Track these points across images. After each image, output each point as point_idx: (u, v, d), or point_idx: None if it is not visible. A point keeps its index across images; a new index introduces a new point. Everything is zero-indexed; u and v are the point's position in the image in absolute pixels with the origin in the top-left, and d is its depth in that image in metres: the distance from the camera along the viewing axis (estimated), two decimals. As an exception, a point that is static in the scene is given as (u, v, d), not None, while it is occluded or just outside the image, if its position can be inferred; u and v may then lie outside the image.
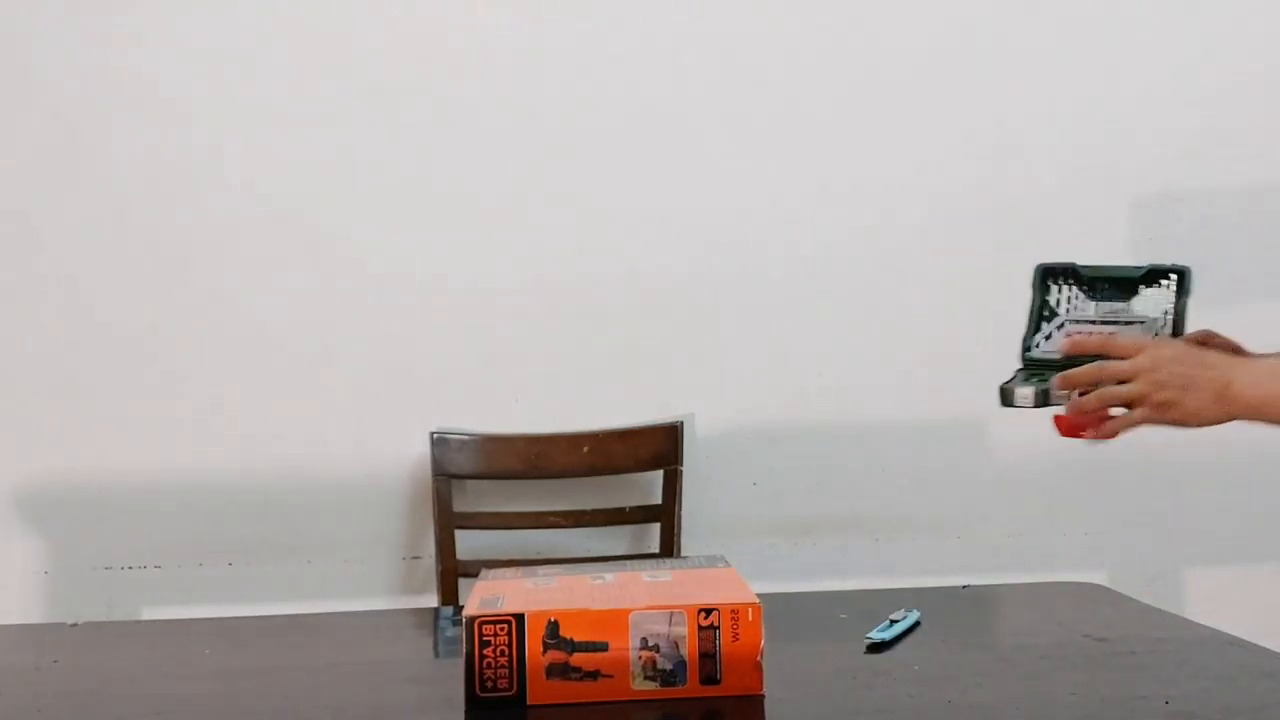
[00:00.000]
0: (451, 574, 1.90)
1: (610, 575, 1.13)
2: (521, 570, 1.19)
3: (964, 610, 1.27)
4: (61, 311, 1.89)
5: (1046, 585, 1.56)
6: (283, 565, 1.94)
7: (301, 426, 1.94)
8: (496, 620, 0.98)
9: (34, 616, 1.88)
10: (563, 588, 1.08)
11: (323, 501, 1.94)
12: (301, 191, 1.93)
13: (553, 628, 0.98)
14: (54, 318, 1.89)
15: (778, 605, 1.41)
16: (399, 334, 1.96)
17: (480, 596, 1.05)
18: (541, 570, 1.18)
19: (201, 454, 1.91)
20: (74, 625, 1.33)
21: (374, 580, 1.97)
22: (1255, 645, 1.19)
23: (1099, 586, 1.54)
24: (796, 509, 1.62)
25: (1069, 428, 1.11)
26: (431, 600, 1.93)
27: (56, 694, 1.10)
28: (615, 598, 1.03)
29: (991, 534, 2.13)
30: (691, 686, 0.99)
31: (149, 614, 1.91)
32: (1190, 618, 1.36)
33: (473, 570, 1.85)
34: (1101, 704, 1.03)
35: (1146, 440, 2.25)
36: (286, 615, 1.42)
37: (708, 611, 0.99)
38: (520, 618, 0.98)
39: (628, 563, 1.24)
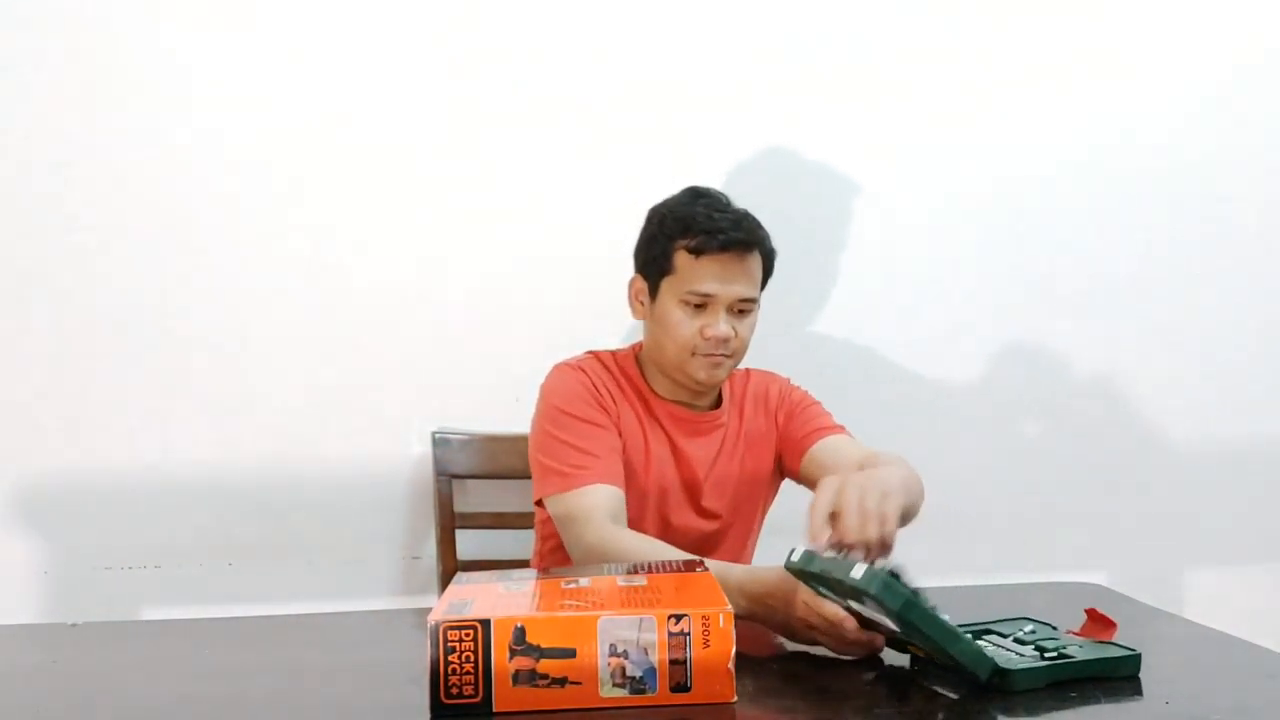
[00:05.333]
0: (452, 574, 1.88)
1: (585, 579, 1.11)
2: (496, 574, 1.18)
3: (963, 611, 1.27)
4: (61, 311, 1.88)
5: (1047, 585, 1.56)
6: (283, 565, 1.94)
7: (302, 426, 1.94)
8: (462, 626, 0.96)
9: (34, 616, 1.88)
10: (534, 592, 1.06)
11: (323, 501, 1.94)
12: (302, 191, 1.93)
13: (519, 633, 0.96)
14: (54, 317, 1.88)
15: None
16: (400, 334, 1.96)
17: (449, 601, 1.03)
18: (516, 574, 1.17)
19: (201, 454, 1.91)
20: (74, 625, 1.33)
21: (374, 580, 1.97)
22: (1255, 645, 1.20)
23: (1099, 586, 1.54)
24: (796, 509, 1.62)
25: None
26: (432, 600, 1.92)
27: (56, 694, 1.10)
28: (585, 603, 1.02)
29: (992, 534, 2.13)
30: (661, 694, 0.97)
31: (149, 614, 1.91)
32: (1190, 618, 1.36)
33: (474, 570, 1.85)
34: (1101, 704, 1.03)
35: (1146, 440, 2.26)
36: (286, 615, 1.42)
37: (678, 617, 0.97)
38: (486, 623, 0.96)
39: (608, 565, 1.23)
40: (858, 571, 1.02)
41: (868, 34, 2.06)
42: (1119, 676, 1.08)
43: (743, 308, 1.52)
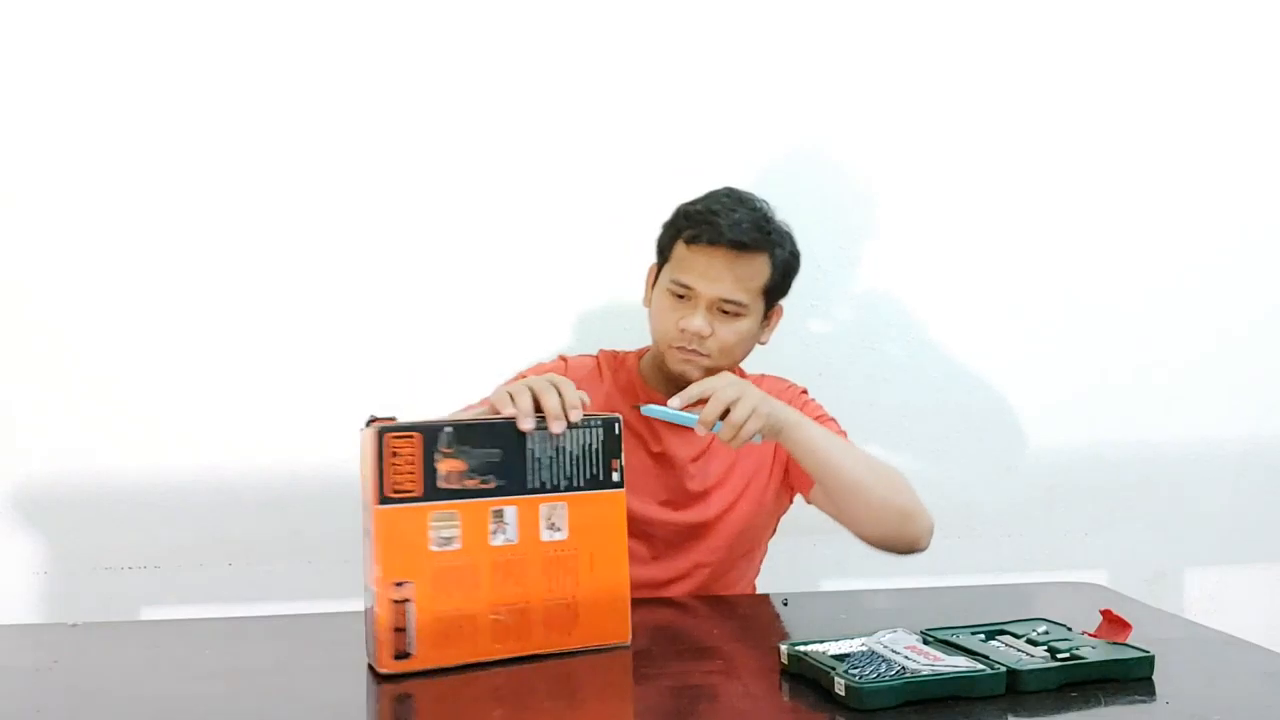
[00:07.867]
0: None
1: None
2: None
3: (963, 611, 1.27)
4: (60, 312, 1.88)
5: (1046, 585, 1.56)
6: (283, 565, 1.94)
7: (302, 426, 1.94)
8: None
9: (34, 616, 1.88)
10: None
11: (323, 501, 1.94)
12: (301, 191, 1.93)
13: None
14: (53, 318, 1.88)
15: (778, 605, 1.42)
16: (401, 334, 1.96)
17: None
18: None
19: (201, 454, 1.91)
20: (74, 625, 1.33)
21: (374, 580, 1.96)
22: (1255, 645, 1.20)
23: (1099, 586, 1.54)
24: (797, 509, 1.61)
25: None
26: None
27: (56, 694, 1.10)
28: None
29: (991, 534, 2.13)
30: None
31: (149, 614, 1.91)
32: (1190, 618, 1.36)
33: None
34: (1101, 704, 1.03)
35: (1146, 441, 2.26)
36: (286, 615, 1.42)
37: None
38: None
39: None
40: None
41: (867, 33, 2.06)
42: (1132, 678, 1.08)
43: (726, 308, 1.48)
